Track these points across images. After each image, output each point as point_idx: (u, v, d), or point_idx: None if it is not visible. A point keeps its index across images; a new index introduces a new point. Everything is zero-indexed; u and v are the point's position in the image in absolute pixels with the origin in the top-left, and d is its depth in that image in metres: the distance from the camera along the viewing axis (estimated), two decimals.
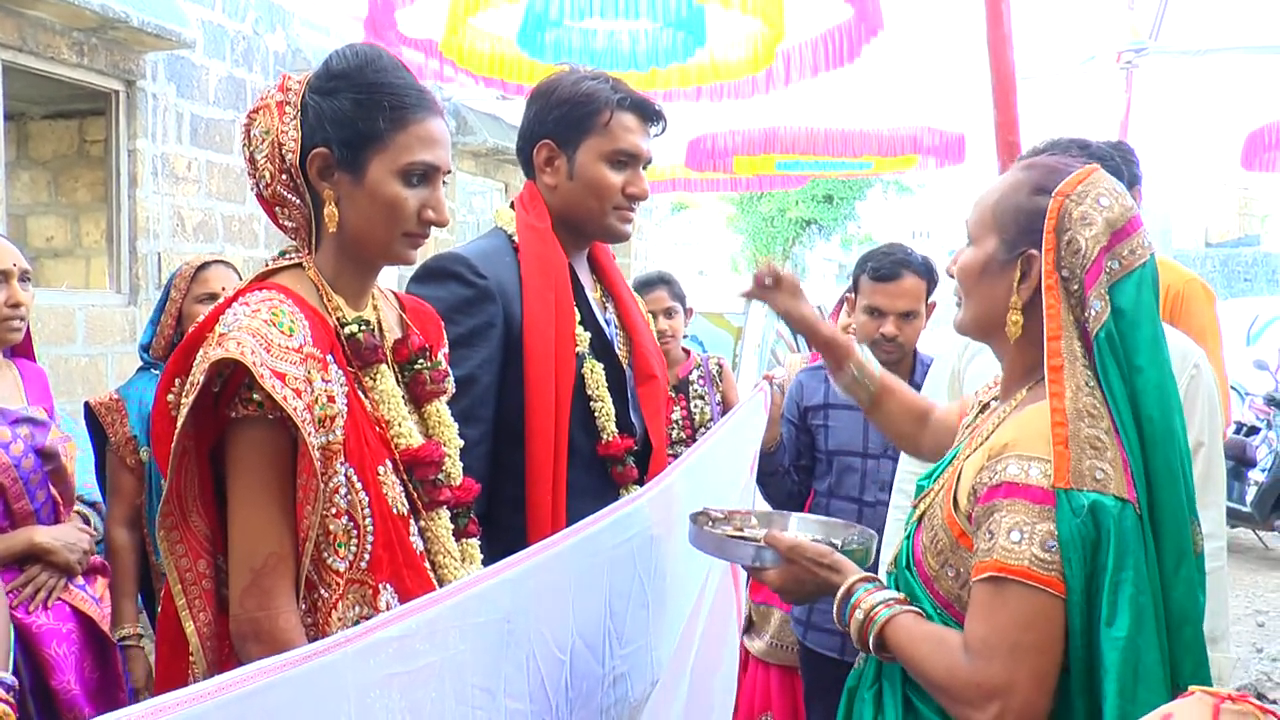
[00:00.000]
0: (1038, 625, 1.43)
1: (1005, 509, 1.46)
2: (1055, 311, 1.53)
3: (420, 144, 1.64)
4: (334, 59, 1.65)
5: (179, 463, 1.51)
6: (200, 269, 3.02)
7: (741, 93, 6.25)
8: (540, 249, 2.19)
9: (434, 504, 1.70)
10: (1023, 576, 1.43)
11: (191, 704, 1.02)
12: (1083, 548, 1.42)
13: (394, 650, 1.27)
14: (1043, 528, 1.43)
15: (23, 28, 5.49)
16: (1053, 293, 1.53)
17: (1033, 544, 1.43)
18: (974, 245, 1.66)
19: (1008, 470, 1.48)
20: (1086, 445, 1.46)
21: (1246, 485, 8.05)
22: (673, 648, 2.20)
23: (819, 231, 28.05)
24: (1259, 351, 10.48)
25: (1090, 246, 1.51)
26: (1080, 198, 1.54)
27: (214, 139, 6.94)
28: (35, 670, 2.43)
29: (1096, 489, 1.43)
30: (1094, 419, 1.48)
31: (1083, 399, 1.48)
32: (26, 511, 2.49)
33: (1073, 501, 1.42)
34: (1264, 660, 5.77)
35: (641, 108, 2.23)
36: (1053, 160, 1.63)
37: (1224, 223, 37.06)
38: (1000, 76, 3.71)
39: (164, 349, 3.01)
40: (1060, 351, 1.51)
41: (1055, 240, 1.53)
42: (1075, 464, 1.44)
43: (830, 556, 1.68)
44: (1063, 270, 1.53)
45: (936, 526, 1.60)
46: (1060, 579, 1.42)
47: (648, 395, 2.33)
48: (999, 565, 1.44)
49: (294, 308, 1.55)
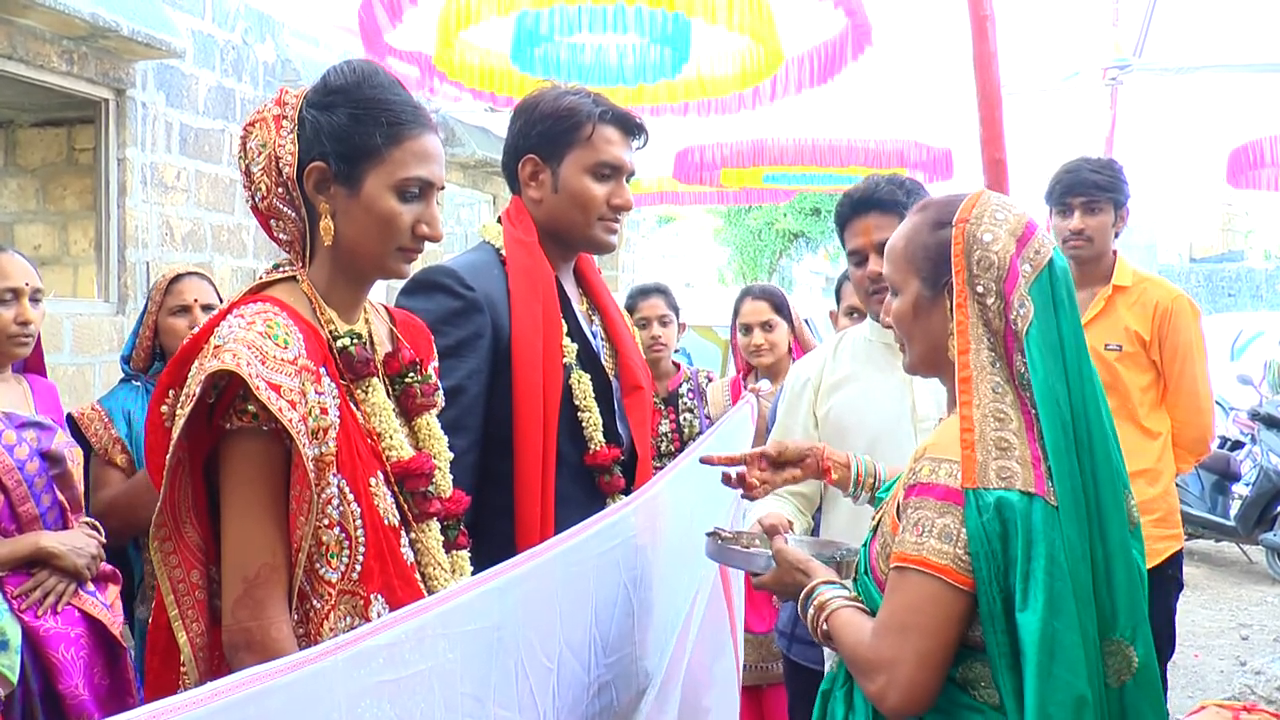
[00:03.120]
0: (926, 609, 1.55)
1: (915, 506, 1.60)
2: (964, 327, 1.63)
3: (415, 159, 1.66)
4: (331, 74, 1.67)
5: (173, 474, 1.52)
6: (173, 281, 3.05)
7: (729, 109, 6.29)
8: (527, 262, 2.22)
9: (424, 516, 1.71)
10: (919, 565, 1.56)
11: (184, 711, 1.03)
12: (990, 541, 1.53)
13: (384, 659, 1.28)
14: (941, 522, 1.56)
15: (13, 35, 5.49)
16: (962, 310, 1.64)
17: (931, 536, 1.56)
18: (900, 294, 1.76)
19: (921, 471, 1.62)
20: (992, 446, 1.57)
21: (1230, 499, 8.09)
22: (664, 659, 2.22)
23: (806, 244, 28.10)
24: (1243, 366, 10.57)
25: (1002, 257, 1.62)
26: (978, 219, 1.65)
27: (203, 148, 6.94)
28: (43, 674, 2.43)
29: (1002, 486, 1.54)
30: (1001, 422, 1.58)
31: (989, 405, 1.59)
32: (32, 515, 2.49)
33: (979, 500, 1.54)
34: (1247, 674, 5.81)
35: (623, 121, 2.27)
36: (940, 197, 1.77)
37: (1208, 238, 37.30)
38: (985, 92, 3.75)
39: (143, 360, 3.05)
40: (969, 364, 1.62)
41: (964, 262, 1.64)
42: (981, 465, 1.56)
43: (806, 563, 1.84)
44: (977, 287, 1.63)
45: (885, 533, 1.70)
46: (955, 568, 1.54)
47: (634, 405, 2.36)
48: (902, 555, 1.58)
49: (288, 320, 1.56)
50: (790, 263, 28.75)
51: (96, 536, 2.65)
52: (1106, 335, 3.44)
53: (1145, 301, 3.48)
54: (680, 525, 2.38)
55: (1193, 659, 6.01)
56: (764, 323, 3.93)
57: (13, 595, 2.43)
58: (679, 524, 2.38)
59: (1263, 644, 6.38)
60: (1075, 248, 3.47)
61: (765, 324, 3.93)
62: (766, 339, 3.91)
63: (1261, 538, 7.83)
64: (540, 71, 5.54)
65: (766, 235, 27.28)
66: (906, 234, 1.75)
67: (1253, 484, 7.92)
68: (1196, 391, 3.47)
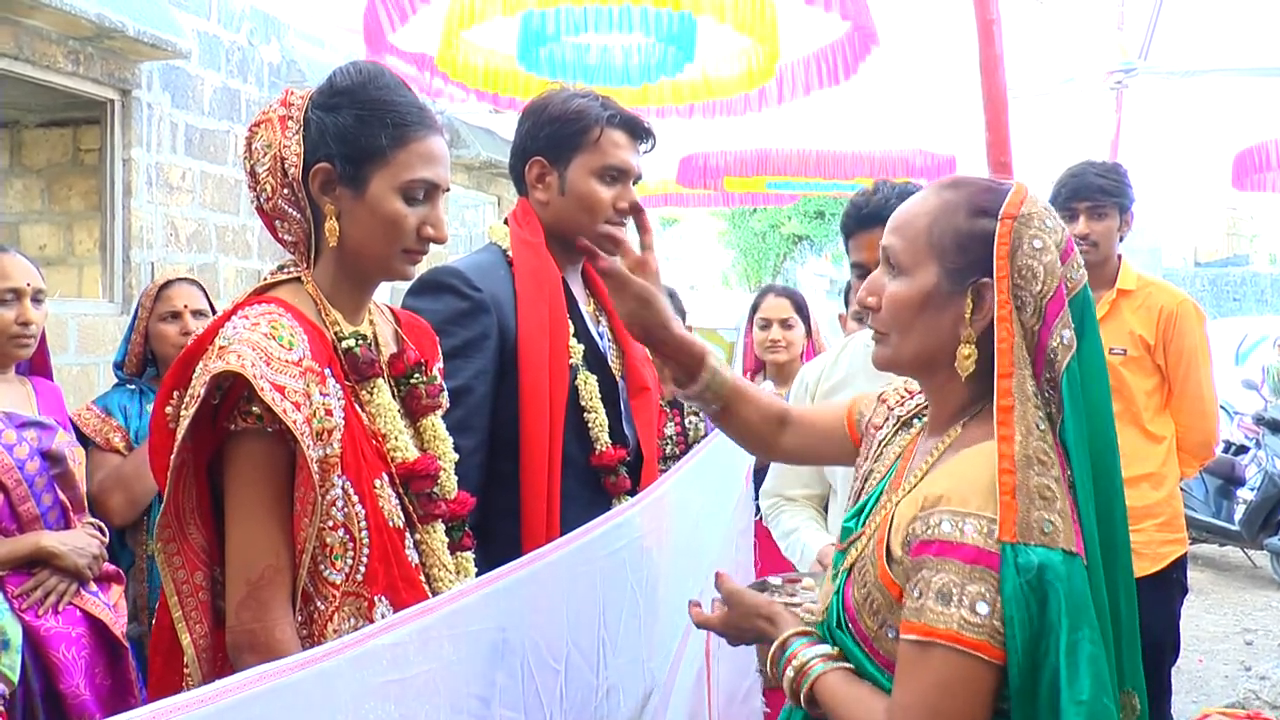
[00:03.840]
0: (960, 692, 1.33)
1: (935, 567, 1.35)
2: (1007, 346, 1.40)
3: (421, 161, 1.65)
4: (338, 75, 1.67)
5: (177, 476, 1.51)
6: (163, 287, 3.07)
7: (734, 109, 6.29)
8: (534, 263, 2.22)
9: (429, 517, 1.71)
10: (949, 640, 1.32)
11: (189, 710, 1.03)
12: (1028, 607, 1.31)
13: (389, 659, 1.27)
14: (973, 589, 1.32)
15: (19, 36, 5.50)
16: (1005, 325, 1.40)
17: (961, 606, 1.32)
18: (905, 275, 1.50)
19: (941, 527, 1.36)
20: (1035, 495, 1.34)
21: (1235, 504, 8.08)
22: (668, 662, 2.21)
23: (810, 247, 28.06)
24: (1247, 371, 10.54)
25: (1050, 270, 1.41)
26: (1027, 220, 1.43)
27: (208, 149, 6.95)
28: (44, 674, 2.43)
29: (1044, 543, 1.32)
30: (1044, 466, 1.36)
31: (1033, 443, 1.36)
32: (33, 515, 2.49)
33: (1019, 558, 1.31)
34: (1252, 679, 5.79)
35: (631, 125, 2.27)
36: (974, 179, 1.52)
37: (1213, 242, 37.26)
38: (992, 96, 3.74)
39: (135, 365, 3.06)
40: (1011, 390, 1.38)
41: (1008, 267, 1.41)
42: (1023, 516, 1.32)
43: (769, 608, 1.60)
44: (1016, 301, 1.41)
45: (870, 585, 1.46)
46: (991, 642, 1.32)
47: (640, 407, 2.36)
48: (925, 629, 1.34)
49: (293, 321, 1.56)
50: (794, 265, 28.72)
51: (99, 537, 2.65)
52: (1111, 339, 3.43)
53: (1150, 305, 3.48)
54: (686, 527, 2.38)
55: (1197, 664, 6.00)
56: (783, 320, 3.97)
57: (13, 595, 2.44)
58: (685, 526, 2.37)
59: (1267, 649, 6.36)
60: (1081, 253, 3.46)
61: (784, 321, 3.96)
62: (784, 336, 3.94)
63: (1266, 542, 7.82)
64: (545, 72, 5.54)
65: (771, 238, 27.25)
66: (934, 211, 1.49)
67: (1258, 488, 7.91)
68: (1201, 395, 3.47)
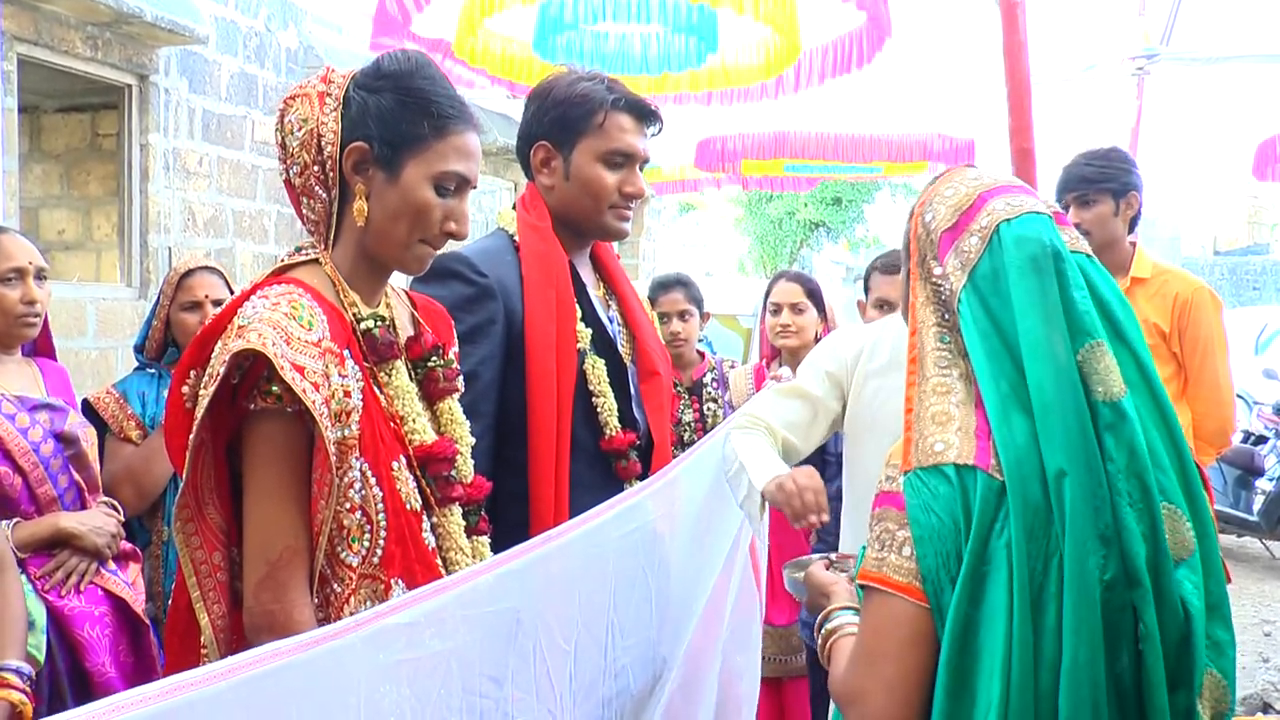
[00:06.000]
0: (886, 632, 1.39)
1: (878, 518, 1.43)
2: (913, 308, 1.53)
3: (457, 155, 1.67)
4: (385, 60, 1.69)
5: (195, 455, 1.52)
6: (185, 276, 3.07)
7: (752, 98, 6.28)
8: (540, 247, 2.22)
9: (446, 500, 1.71)
10: (879, 583, 1.39)
11: (204, 684, 1.04)
12: (932, 527, 1.36)
13: (405, 640, 1.28)
14: (903, 534, 1.38)
15: (38, 21, 5.53)
16: (914, 291, 1.54)
17: (892, 550, 1.39)
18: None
19: (881, 479, 1.45)
20: (929, 421, 1.41)
21: (1254, 494, 8.04)
22: (680, 646, 2.22)
23: (827, 234, 28.00)
24: (1267, 360, 10.47)
25: (934, 230, 1.52)
26: (928, 202, 1.57)
27: (225, 135, 6.97)
28: (69, 653, 2.45)
29: (936, 461, 1.37)
30: (941, 395, 1.43)
31: (931, 380, 1.45)
32: (50, 497, 2.51)
33: (917, 481, 1.38)
34: (1270, 670, 5.77)
35: (637, 108, 2.25)
36: None
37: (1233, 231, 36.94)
38: (1015, 82, 3.72)
39: (155, 351, 3.09)
40: (915, 345, 1.50)
41: (916, 245, 1.56)
42: (917, 443, 1.40)
43: (831, 585, 1.69)
44: (929, 266, 1.53)
45: None
46: (916, 584, 1.36)
47: (650, 391, 2.34)
48: (864, 573, 1.42)
49: (312, 302, 1.57)
50: (811, 252, 28.66)
51: (115, 515, 2.67)
52: None
53: (1165, 293, 3.45)
54: (698, 512, 2.38)
55: None
56: (794, 305, 3.93)
57: (36, 576, 2.46)
58: (696, 510, 2.37)
59: None
60: None
61: (795, 306, 3.93)
62: (794, 321, 3.91)
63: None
64: (564, 59, 5.54)
65: (787, 225, 27.20)
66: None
67: (1277, 479, 7.87)
68: (1218, 384, 3.45)
